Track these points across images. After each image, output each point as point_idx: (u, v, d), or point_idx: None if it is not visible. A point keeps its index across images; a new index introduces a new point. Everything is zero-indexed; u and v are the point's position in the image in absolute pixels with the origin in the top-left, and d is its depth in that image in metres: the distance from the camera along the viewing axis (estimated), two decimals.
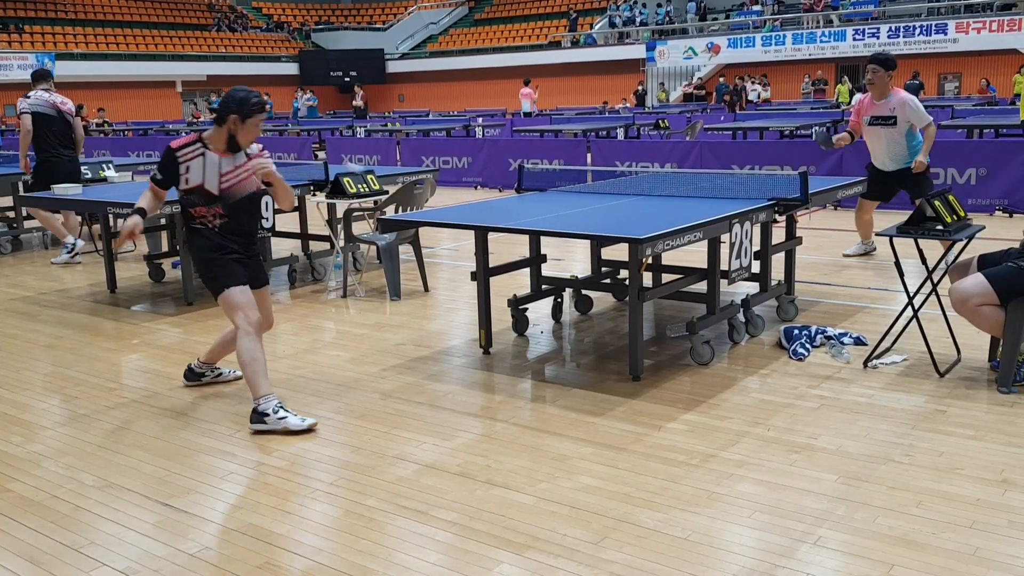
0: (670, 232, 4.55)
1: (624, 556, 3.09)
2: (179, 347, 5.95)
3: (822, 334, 5.49)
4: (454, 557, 3.14)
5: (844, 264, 7.90)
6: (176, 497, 3.69)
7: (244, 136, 4.46)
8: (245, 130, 4.43)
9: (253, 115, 4.42)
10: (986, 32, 27.22)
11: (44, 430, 4.50)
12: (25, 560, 3.21)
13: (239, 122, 4.39)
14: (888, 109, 7.35)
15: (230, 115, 4.38)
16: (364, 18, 46.14)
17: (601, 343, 5.76)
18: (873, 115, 7.47)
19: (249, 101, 4.40)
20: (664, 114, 20.78)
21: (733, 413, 4.41)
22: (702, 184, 6.45)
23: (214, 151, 4.46)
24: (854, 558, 3.03)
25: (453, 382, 5.05)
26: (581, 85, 36.08)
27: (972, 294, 4.57)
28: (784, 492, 3.54)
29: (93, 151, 19.66)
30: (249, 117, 4.41)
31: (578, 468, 3.83)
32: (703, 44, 32.71)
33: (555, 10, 40.32)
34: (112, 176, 9.55)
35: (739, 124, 15.89)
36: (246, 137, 4.48)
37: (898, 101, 7.33)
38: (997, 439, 3.98)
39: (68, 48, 34.49)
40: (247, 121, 4.41)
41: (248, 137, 4.49)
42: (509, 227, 4.99)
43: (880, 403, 4.48)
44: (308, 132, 21.55)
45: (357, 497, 3.63)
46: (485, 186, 15.10)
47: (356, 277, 7.84)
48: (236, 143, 4.47)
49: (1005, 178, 10.27)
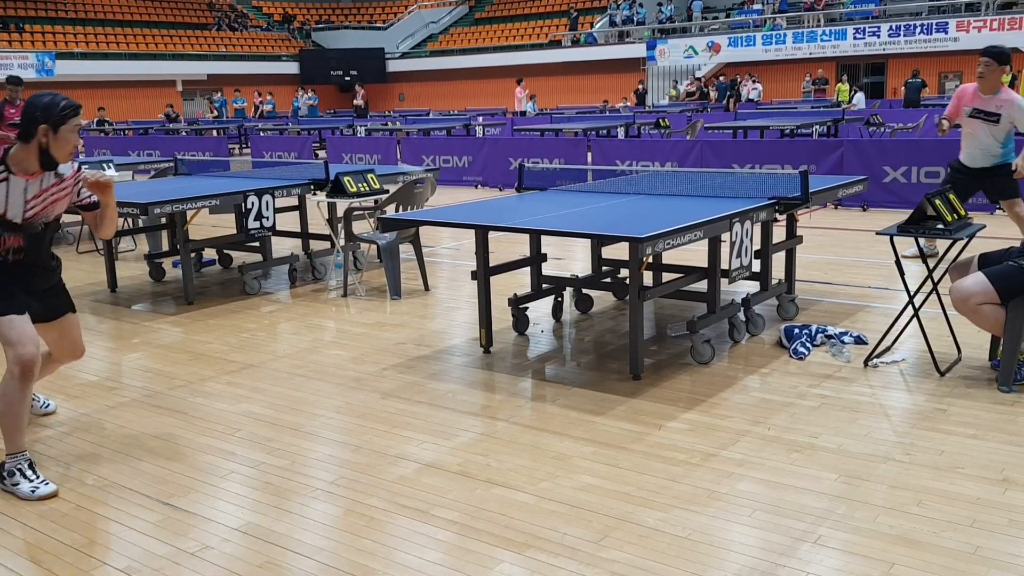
0: (670, 231, 4.55)
1: (625, 555, 3.10)
2: (180, 346, 5.95)
3: (822, 333, 5.49)
4: (455, 556, 3.14)
5: (844, 263, 7.90)
6: (177, 496, 3.69)
7: (59, 148, 3.73)
8: (59, 141, 3.71)
9: (66, 120, 3.70)
10: (987, 31, 27.18)
11: (44, 429, 4.50)
12: (26, 559, 3.21)
13: (51, 132, 3.67)
14: (994, 106, 7.02)
15: (38, 126, 3.66)
16: (364, 17, 46.12)
17: (601, 342, 5.76)
18: (976, 107, 7.11)
19: (57, 105, 3.69)
20: (664, 113, 20.77)
21: (733, 412, 4.41)
22: (702, 183, 6.44)
23: (20, 174, 3.71)
24: (854, 557, 3.03)
25: (453, 381, 5.05)
26: (581, 84, 36.06)
27: (973, 293, 4.56)
28: (784, 491, 3.54)
29: (93, 150, 19.66)
30: (62, 124, 3.69)
31: (579, 467, 3.83)
32: (703, 43, 32.69)
33: (555, 9, 40.29)
34: (112, 175, 9.53)
35: (739, 123, 15.89)
36: (62, 149, 3.73)
37: (1006, 99, 7.00)
38: (997, 438, 3.98)
39: (68, 47, 34.47)
40: (60, 129, 3.69)
41: (64, 149, 3.74)
42: (509, 226, 4.99)
43: (880, 402, 4.48)
44: (308, 131, 21.55)
45: (358, 496, 3.63)
46: (485, 185, 15.09)
47: (356, 276, 7.84)
48: (51, 159, 3.73)
49: None
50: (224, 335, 6.19)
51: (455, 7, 44.48)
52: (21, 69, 31.82)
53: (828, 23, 30.95)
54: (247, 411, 4.66)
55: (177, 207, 6.66)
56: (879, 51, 28.77)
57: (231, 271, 8.43)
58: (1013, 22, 26.79)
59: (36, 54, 32.81)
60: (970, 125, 7.19)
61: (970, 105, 7.16)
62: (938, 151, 10.78)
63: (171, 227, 8.15)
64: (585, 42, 36.90)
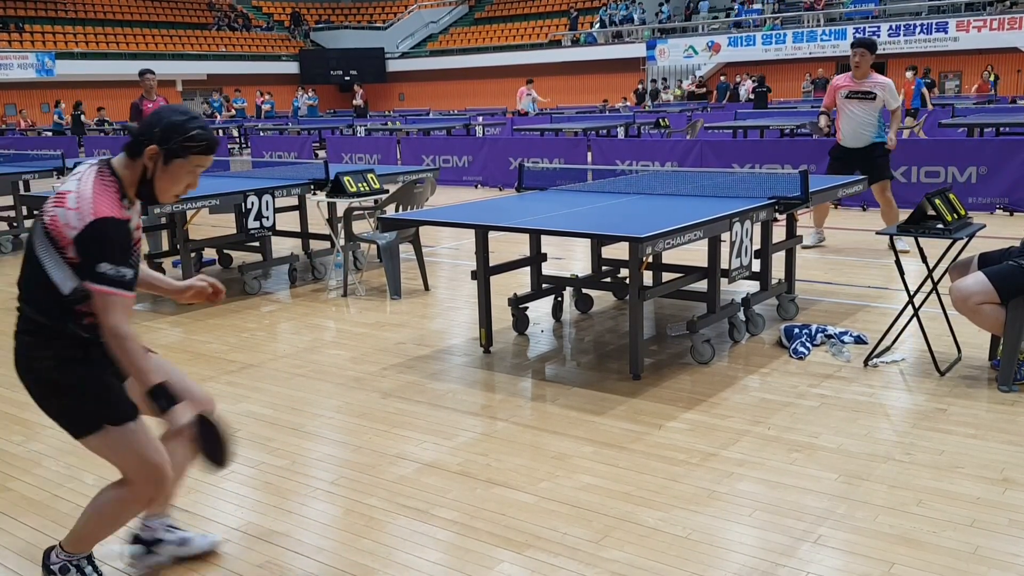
0: (670, 231, 4.55)
1: (625, 555, 3.09)
2: (180, 346, 5.95)
3: (822, 333, 5.49)
4: (455, 556, 3.14)
5: (844, 263, 7.90)
6: (176, 496, 3.68)
7: (164, 184, 2.70)
8: (168, 175, 2.68)
9: (187, 153, 2.66)
10: (987, 30, 27.20)
11: (45, 429, 4.50)
12: (26, 559, 3.21)
13: (160, 159, 2.66)
14: (868, 86, 8.03)
15: (150, 145, 2.65)
16: (364, 17, 46.13)
17: (601, 342, 5.76)
18: (852, 89, 8.09)
19: (185, 130, 2.65)
20: (664, 113, 20.77)
21: (733, 412, 4.41)
22: (702, 183, 6.44)
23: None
24: (855, 557, 3.03)
25: (453, 381, 5.05)
26: (581, 84, 36.07)
27: (972, 292, 4.56)
28: (784, 491, 3.54)
29: (93, 150, 19.66)
30: (179, 156, 2.66)
31: (579, 467, 3.83)
32: (703, 43, 32.70)
33: (555, 9, 40.30)
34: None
35: (739, 123, 15.89)
36: (167, 188, 2.71)
37: (879, 81, 8.06)
38: (997, 438, 3.98)
39: (68, 47, 34.47)
40: (174, 163, 2.66)
41: (170, 190, 2.72)
42: (509, 226, 4.99)
43: (880, 402, 4.48)
44: (308, 131, 21.53)
45: (358, 496, 3.63)
46: (485, 185, 15.09)
47: (356, 276, 7.84)
48: (151, 192, 2.71)
49: (1005, 177, 10.26)
50: (224, 335, 6.19)
51: (455, 7, 44.48)
52: (21, 69, 31.87)
53: (828, 23, 30.95)
54: (247, 411, 4.66)
55: (177, 207, 6.66)
56: (879, 51, 28.77)
57: (231, 271, 8.42)
58: (1013, 22, 26.79)
59: (36, 54, 32.81)
60: (847, 106, 8.15)
61: (846, 88, 8.16)
62: (938, 149, 10.79)
63: (171, 227, 8.15)
64: (585, 42, 36.90)
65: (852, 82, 8.12)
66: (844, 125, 8.20)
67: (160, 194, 2.72)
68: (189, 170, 2.70)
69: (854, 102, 8.08)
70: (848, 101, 8.11)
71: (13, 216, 10.36)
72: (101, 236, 2.56)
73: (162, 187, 2.70)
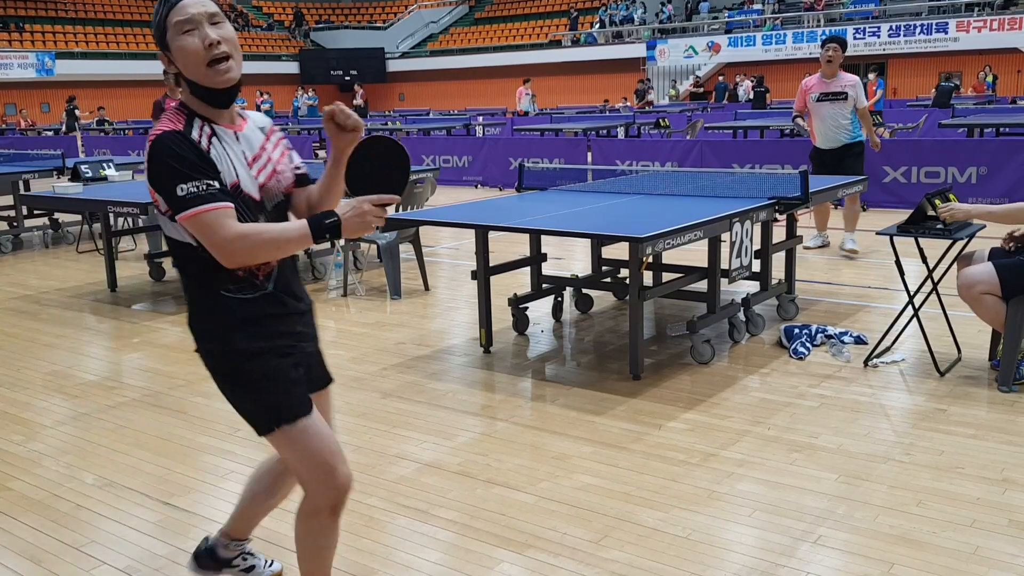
0: (670, 231, 4.55)
1: (624, 555, 3.10)
2: (180, 346, 5.95)
3: (822, 333, 5.49)
4: (455, 556, 3.14)
5: (844, 263, 7.90)
6: (177, 496, 3.69)
7: (189, 67, 2.30)
8: (180, 57, 2.30)
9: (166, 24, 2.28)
10: (987, 31, 27.19)
11: (45, 429, 4.51)
12: (26, 559, 3.21)
13: (167, 55, 2.33)
14: (839, 86, 8.01)
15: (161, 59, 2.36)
16: (364, 17, 46.12)
17: (601, 342, 5.76)
18: (822, 92, 8.08)
19: (154, 16, 2.34)
20: (664, 113, 20.77)
21: (733, 412, 4.41)
22: (702, 183, 6.45)
23: (222, 122, 2.40)
24: (854, 557, 3.03)
25: (453, 381, 5.05)
26: (581, 84, 36.06)
27: (978, 280, 4.57)
28: (784, 491, 3.54)
29: (93, 150, 19.65)
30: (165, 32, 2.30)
31: (578, 467, 3.83)
32: (703, 43, 32.69)
33: (555, 9, 40.29)
34: (112, 175, 9.54)
35: (739, 123, 15.89)
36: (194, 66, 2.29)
37: (848, 80, 8.05)
38: (997, 438, 3.98)
39: (68, 47, 34.46)
40: (170, 43, 2.30)
41: (195, 64, 2.29)
42: (510, 226, 4.99)
43: (880, 402, 4.48)
44: (308, 131, 21.52)
45: (358, 496, 3.63)
46: (485, 185, 15.09)
47: (356, 276, 7.84)
48: (204, 90, 2.33)
49: (1005, 177, 10.26)
50: None
51: (455, 7, 44.48)
52: (21, 69, 31.86)
53: (828, 23, 30.94)
54: None
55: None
56: (879, 51, 28.75)
57: None
58: (1013, 22, 26.79)
59: (36, 54, 32.79)
60: (819, 109, 8.13)
61: (816, 91, 8.13)
62: (938, 149, 10.79)
63: None
64: (585, 42, 36.89)
65: (822, 83, 8.10)
66: (817, 127, 8.19)
67: (195, 75, 2.30)
68: (180, 33, 2.27)
69: (825, 104, 8.07)
70: (820, 104, 8.10)
71: (13, 216, 10.36)
72: (160, 153, 2.23)
73: (188, 68, 2.29)
